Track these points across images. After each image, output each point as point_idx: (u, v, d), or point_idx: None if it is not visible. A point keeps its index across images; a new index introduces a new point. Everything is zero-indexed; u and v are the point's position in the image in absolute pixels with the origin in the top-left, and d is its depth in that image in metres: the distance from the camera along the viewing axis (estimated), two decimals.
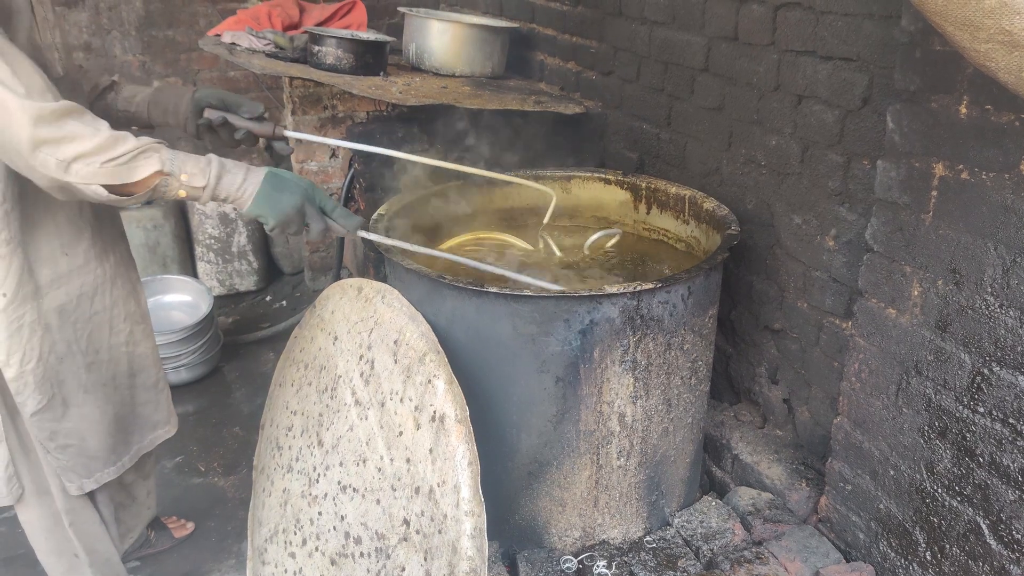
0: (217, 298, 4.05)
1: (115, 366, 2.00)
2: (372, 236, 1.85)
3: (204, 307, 3.51)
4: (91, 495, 2.06)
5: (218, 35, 3.34)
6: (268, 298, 4.32)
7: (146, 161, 1.53)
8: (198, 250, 4.21)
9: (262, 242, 4.32)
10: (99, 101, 1.95)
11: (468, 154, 2.68)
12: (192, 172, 1.57)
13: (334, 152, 3.97)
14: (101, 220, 1.92)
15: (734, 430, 2.30)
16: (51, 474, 1.92)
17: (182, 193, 1.59)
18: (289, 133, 1.95)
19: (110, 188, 1.52)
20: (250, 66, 2.93)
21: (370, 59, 2.93)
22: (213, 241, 4.18)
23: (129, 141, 1.51)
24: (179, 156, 1.57)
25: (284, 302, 4.24)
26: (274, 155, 1.99)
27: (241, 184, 1.62)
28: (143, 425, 2.14)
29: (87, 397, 1.93)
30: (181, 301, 3.66)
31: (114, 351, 1.99)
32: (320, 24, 3.50)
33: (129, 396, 2.07)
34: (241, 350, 3.76)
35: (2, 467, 1.85)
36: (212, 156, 1.61)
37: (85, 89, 1.91)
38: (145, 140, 1.54)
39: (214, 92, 1.93)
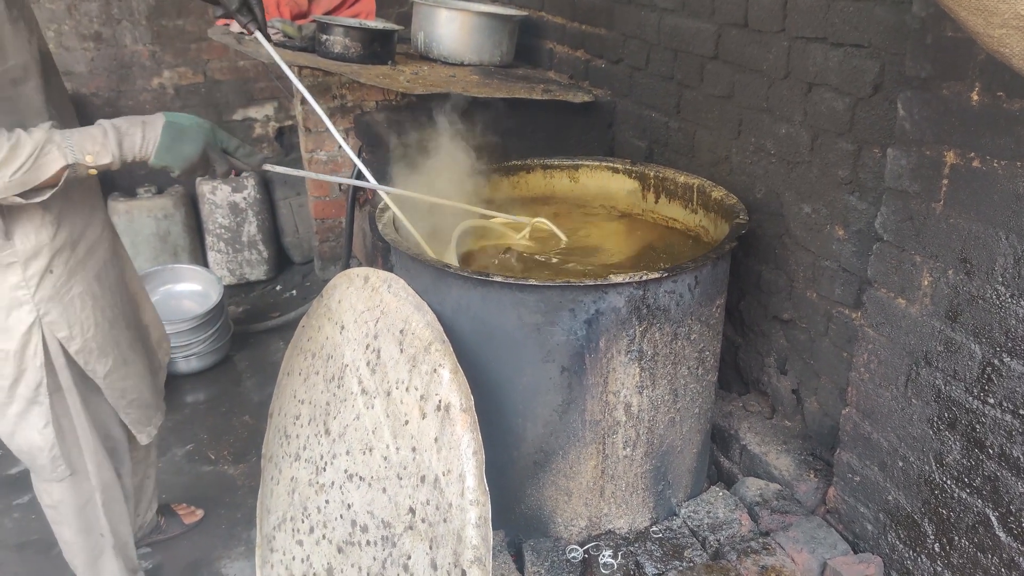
0: (227, 287, 4.07)
1: (132, 323, 2.09)
2: (277, 168, 1.88)
3: (214, 296, 3.52)
4: (118, 470, 2.10)
5: (227, 24, 3.34)
6: (278, 287, 4.33)
7: (48, 159, 1.55)
8: (208, 239, 4.23)
9: (272, 232, 4.33)
10: None
11: (476, 143, 2.67)
12: (94, 151, 1.60)
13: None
14: (102, 195, 2.01)
15: (742, 420, 2.29)
16: (88, 452, 1.97)
17: (92, 172, 1.62)
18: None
19: (23, 194, 1.57)
20: (258, 55, 2.93)
21: (378, 48, 2.92)
22: (223, 231, 4.19)
23: (25, 145, 1.52)
24: (75, 139, 1.58)
25: (294, 291, 4.26)
26: (284, 144, 2.02)
27: (141, 144, 1.65)
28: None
29: (135, 355, 2.04)
30: (192, 290, 3.67)
31: (127, 308, 2.07)
32: (329, 13, 3.49)
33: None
34: (251, 339, 3.78)
35: (47, 448, 1.90)
36: (104, 125, 1.62)
37: None
38: (39, 136, 1.54)
39: None
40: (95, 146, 1.60)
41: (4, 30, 1.57)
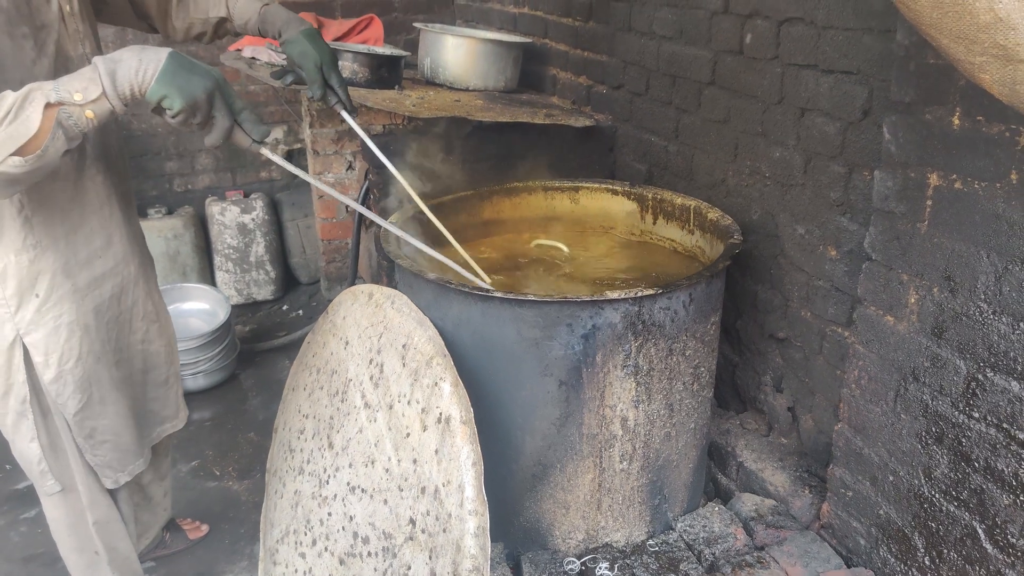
0: (235, 307, 4.12)
1: (132, 363, 2.08)
2: (275, 158, 1.71)
3: (222, 315, 3.58)
4: (113, 493, 2.12)
5: (238, 50, 3.43)
6: (285, 307, 4.39)
7: (31, 105, 1.39)
8: (217, 259, 4.30)
9: (280, 252, 4.40)
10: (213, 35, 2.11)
11: (479, 165, 2.73)
12: (82, 87, 1.41)
13: (351, 164, 4.05)
14: (131, 223, 2.01)
15: (739, 438, 2.33)
16: (78, 472, 1.98)
17: (90, 114, 1.43)
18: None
19: (21, 153, 1.39)
20: (269, 80, 3.01)
21: (385, 73, 3.00)
22: (231, 251, 4.26)
23: (6, 97, 1.39)
24: (62, 80, 1.42)
25: (300, 311, 4.31)
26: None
27: (138, 67, 1.43)
28: (152, 420, 2.21)
29: (118, 395, 2.00)
30: (199, 309, 3.74)
31: (131, 348, 2.07)
32: (338, 39, 3.57)
33: (142, 392, 2.14)
34: (257, 358, 3.83)
35: (35, 461, 1.91)
36: (96, 58, 1.44)
37: (179, 38, 2.15)
38: (20, 92, 1.41)
39: (301, 53, 1.94)
40: (82, 82, 1.42)
41: (2, 43, 1.55)
